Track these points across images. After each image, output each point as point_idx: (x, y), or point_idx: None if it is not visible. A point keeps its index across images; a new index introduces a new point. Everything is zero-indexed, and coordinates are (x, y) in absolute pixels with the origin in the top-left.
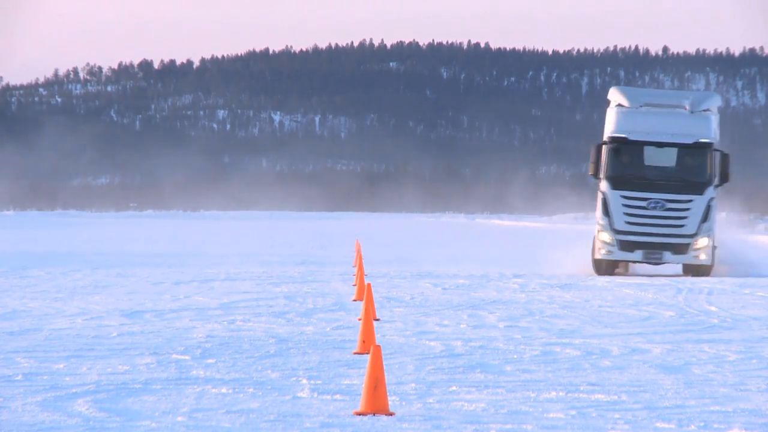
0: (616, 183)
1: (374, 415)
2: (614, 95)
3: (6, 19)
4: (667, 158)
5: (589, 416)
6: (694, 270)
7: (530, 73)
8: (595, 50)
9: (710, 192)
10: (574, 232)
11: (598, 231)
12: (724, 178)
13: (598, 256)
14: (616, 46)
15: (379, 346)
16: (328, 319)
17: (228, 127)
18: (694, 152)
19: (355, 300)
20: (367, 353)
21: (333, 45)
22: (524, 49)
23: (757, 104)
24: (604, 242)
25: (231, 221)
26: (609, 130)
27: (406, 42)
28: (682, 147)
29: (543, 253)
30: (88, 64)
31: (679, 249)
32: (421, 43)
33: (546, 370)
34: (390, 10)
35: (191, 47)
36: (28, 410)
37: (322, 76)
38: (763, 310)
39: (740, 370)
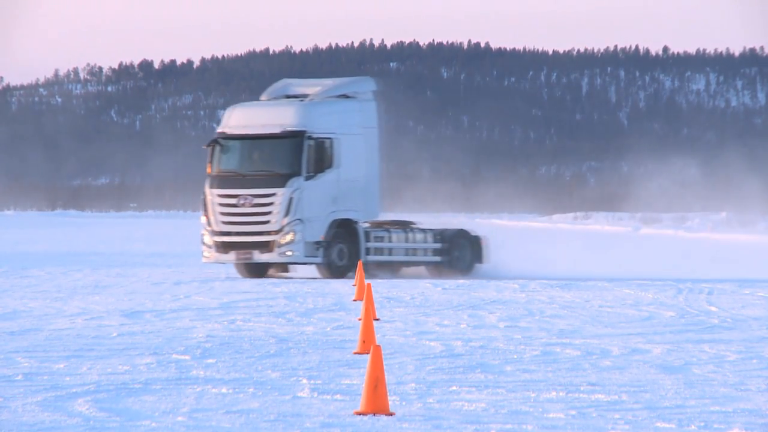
0: (213, 181)
1: (374, 415)
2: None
3: (6, 19)
4: (263, 152)
5: (590, 416)
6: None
7: (530, 73)
8: (595, 50)
9: (296, 183)
10: (574, 231)
11: (202, 234)
12: (318, 168)
13: (203, 260)
14: (616, 46)
15: (379, 346)
16: (328, 319)
17: None
18: (284, 143)
19: (355, 300)
20: (367, 353)
21: (333, 45)
22: (524, 49)
23: (757, 104)
24: (206, 245)
25: None
26: (220, 126)
27: (406, 42)
28: (270, 138)
29: (542, 252)
30: (88, 64)
31: (265, 246)
32: (421, 43)
33: (546, 370)
34: (390, 10)
35: (191, 47)
36: (28, 410)
37: (322, 76)
38: (763, 310)
39: (740, 370)
